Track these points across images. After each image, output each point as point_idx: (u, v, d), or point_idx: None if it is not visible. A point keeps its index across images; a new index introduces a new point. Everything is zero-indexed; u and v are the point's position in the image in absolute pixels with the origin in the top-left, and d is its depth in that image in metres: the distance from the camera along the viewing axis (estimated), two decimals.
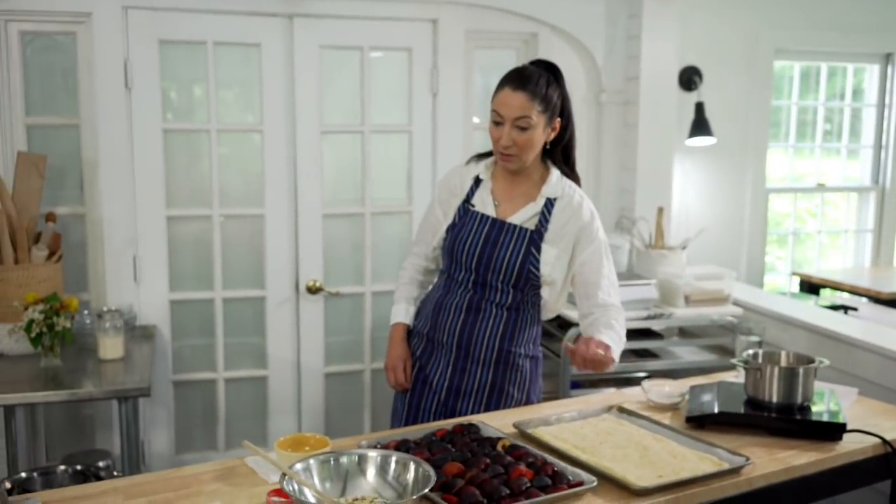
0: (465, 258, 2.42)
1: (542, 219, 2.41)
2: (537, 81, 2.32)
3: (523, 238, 2.40)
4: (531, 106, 2.29)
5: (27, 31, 3.40)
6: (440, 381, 2.48)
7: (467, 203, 2.48)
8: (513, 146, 2.33)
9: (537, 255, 2.39)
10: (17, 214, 3.13)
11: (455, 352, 2.46)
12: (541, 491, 1.75)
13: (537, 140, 2.35)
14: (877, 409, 2.45)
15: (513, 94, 2.30)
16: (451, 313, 2.46)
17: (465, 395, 2.47)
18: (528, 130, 2.31)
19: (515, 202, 2.45)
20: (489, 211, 2.44)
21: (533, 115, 2.30)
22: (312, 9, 3.61)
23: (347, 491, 1.68)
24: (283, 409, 3.81)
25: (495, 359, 2.45)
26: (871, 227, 5.14)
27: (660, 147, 4.06)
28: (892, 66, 4.99)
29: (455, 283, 2.47)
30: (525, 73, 2.35)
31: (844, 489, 2.28)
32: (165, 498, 1.74)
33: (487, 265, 2.40)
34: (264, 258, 3.71)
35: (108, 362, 3.05)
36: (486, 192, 2.47)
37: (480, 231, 2.42)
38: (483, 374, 2.46)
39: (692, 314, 3.31)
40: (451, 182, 2.55)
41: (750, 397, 2.31)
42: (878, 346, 2.78)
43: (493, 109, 2.34)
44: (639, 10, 3.96)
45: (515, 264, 2.38)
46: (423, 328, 2.55)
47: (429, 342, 2.52)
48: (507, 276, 2.39)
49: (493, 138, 2.37)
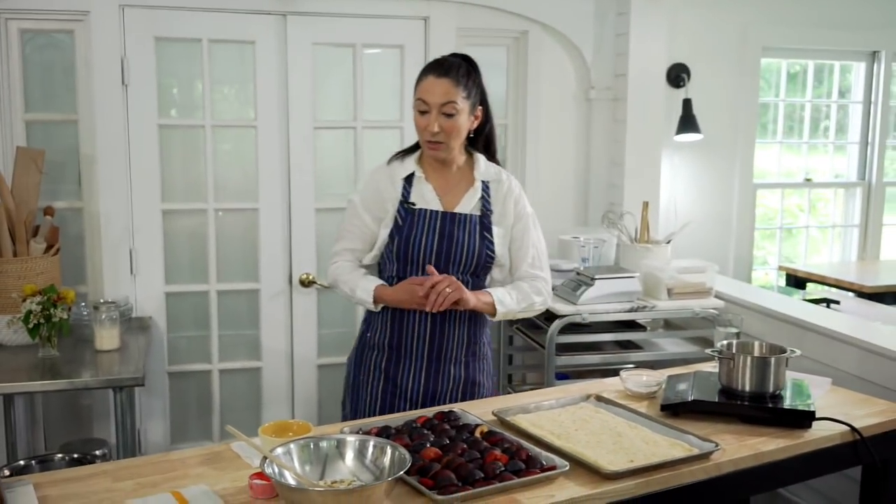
0: (422, 257, 2.41)
1: (484, 203, 2.47)
2: (458, 70, 2.37)
3: (475, 225, 2.45)
4: (456, 92, 2.33)
5: (26, 29, 3.47)
6: (414, 389, 2.47)
7: (406, 203, 2.45)
8: (440, 133, 2.35)
9: (490, 237, 2.45)
10: (16, 208, 3.20)
11: (427, 357, 2.46)
12: (514, 475, 1.82)
13: (463, 126, 2.39)
14: (849, 399, 2.52)
15: (437, 81, 2.34)
16: (416, 317, 2.45)
17: (440, 396, 2.49)
18: (454, 116, 2.34)
19: (456, 192, 2.48)
20: (435, 206, 2.45)
21: (458, 101, 2.34)
22: (306, 7, 3.68)
23: (326, 474, 1.76)
24: (277, 400, 3.88)
25: (466, 354, 2.50)
26: (858, 222, 5.21)
27: (648, 143, 4.12)
28: (878, 63, 5.05)
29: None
30: (446, 62, 2.39)
31: (814, 475, 2.37)
32: (152, 480, 1.81)
33: (448, 259, 2.42)
34: (258, 251, 3.79)
35: (104, 353, 3.12)
36: (426, 188, 2.46)
37: (433, 227, 2.42)
38: (457, 372, 2.50)
39: (675, 306, 3.38)
40: (377, 185, 2.50)
41: (724, 386, 2.39)
42: (855, 338, 2.84)
43: (419, 98, 2.36)
44: (627, 8, 4.02)
45: (474, 252, 2.43)
46: (382, 340, 2.51)
47: (393, 352, 2.49)
48: (468, 266, 2.43)
49: (419, 128, 2.39)
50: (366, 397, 2.50)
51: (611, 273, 3.36)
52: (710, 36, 4.55)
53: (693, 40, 4.49)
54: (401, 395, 2.47)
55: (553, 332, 3.22)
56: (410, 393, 2.47)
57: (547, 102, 4.12)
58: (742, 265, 4.81)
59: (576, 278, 3.40)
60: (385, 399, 2.49)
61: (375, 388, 2.50)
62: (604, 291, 3.29)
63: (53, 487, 1.78)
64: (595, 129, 4.22)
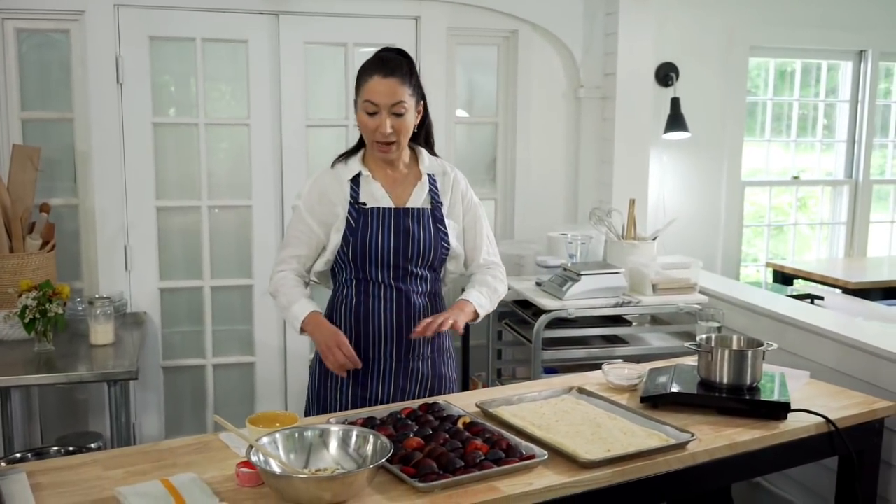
0: (381, 256, 2.39)
1: (433, 196, 2.47)
2: (402, 67, 2.34)
3: (428, 219, 2.44)
4: (403, 91, 2.30)
5: (23, 28, 3.52)
6: (384, 390, 2.46)
7: (357, 203, 2.41)
8: (392, 133, 2.32)
9: (444, 229, 2.47)
10: (12, 205, 3.25)
11: (395, 358, 2.45)
12: (493, 463, 1.87)
13: (411, 124, 2.37)
14: (826, 391, 2.58)
15: (384, 81, 2.29)
16: (380, 318, 2.43)
17: (409, 394, 2.48)
18: (403, 115, 2.32)
19: (404, 187, 2.45)
20: (386, 203, 2.42)
21: (406, 100, 2.31)
22: (298, 6, 3.73)
23: (311, 462, 1.81)
24: (270, 394, 3.94)
25: (431, 350, 2.51)
26: (845, 219, 5.27)
27: (636, 141, 4.18)
28: (864, 63, 5.11)
29: (374, 286, 2.42)
30: (390, 60, 2.34)
31: (789, 465, 2.43)
32: (142, 469, 1.87)
33: (406, 254, 2.41)
34: (251, 248, 3.84)
35: (98, 347, 3.18)
36: (375, 186, 2.42)
37: (388, 225, 2.40)
38: (424, 369, 2.50)
39: (660, 302, 3.44)
40: (322, 190, 2.45)
41: (703, 379, 2.44)
42: (834, 332, 2.90)
43: (367, 100, 2.30)
44: (616, 8, 4.08)
45: (430, 244, 2.43)
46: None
47: (359, 355, 2.38)
48: (425, 260, 2.43)
49: (368, 129, 2.34)
50: (335, 404, 2.47)
51: (597, 269, 3.41)
52: (699, 35, 4.61)
53: (681, 40, 4.55)
54: (370, 399, 2.44)
55: (540, 326, 3.28)
56: (380, 395, 2.45)
57: (537, 101, 4.18)
58: (730, 262, 4.87)
59: (562, 274, 3.45)
60: (355, 403, 2.44)
61: (345, 395, 2.46)
62: (590, 287, 3.34)
63: (46, 476, 1.84)
64: (584, 127, 4.27)
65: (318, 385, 2.53)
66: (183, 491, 1.72)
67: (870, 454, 2.44)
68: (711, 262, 4.72)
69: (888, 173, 5.51)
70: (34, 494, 1.72)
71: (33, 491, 1.74)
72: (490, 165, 4.28)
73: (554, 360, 3.36)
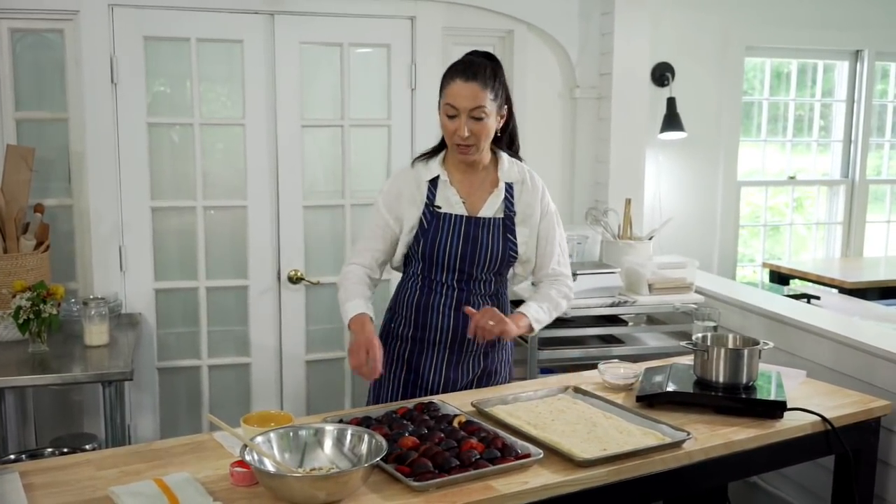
0: (447, 260, 2.45)
1: (508, 204, 2.50)
2: (485, 71, 2.35)
3: (498, 228, 2.48)
4: (484, 95, 2.32)
5: (17, 28, 3.50)
6: (435, 378, 2.53)
7: (432, 206, 2.47)
8: (471, 136, 2.35)
9: (514, 238, 2.50)
10: (6, 205, 3.24)
11: (449, 348, 2.52)
12: (489, 462, 1.87)
13: (491, 128, 2.39)
14: (823, 390, 2.58)
15: (465, 85, 2.32)
16: (439, 313, 2.50)
17: (459, 387, 2.54)
18: (483, 120, 2.34)
19: (480, 194, 2.49)
20: (459, 210, 2.46)
21: (487, 104, 2.33)
22: (293, 6, 3.72)
23: (305, 462, 1.81)
24: (266, 395, 3.92)
25: (487, 345, 2.54)
26: (841, 219, 5.28)
27: (632, 141, 4.18)
28: (860, 63, 5.12)
29: (437, 284, 2.50)
30: (473, 64, 2.37)
31: (785, 464, 2.42)
32: (136, 468, 1.86)
33: (472, 261, 2.46)
34: (247, 248, 3.83)
35: (93, 348, 3.16)
36: (451, 192, 2.47)
37: (458, 232, 2.45)
38: (476, 364, 2.57)
39: (655, 301, 3.44)
40: (400, 188, 2.51)
41: (699, 378, 2.44)
42: (830, 331, 2.89)
43: (447, 103, 2.35)
44: (611, 8, 4.08)
45: (497, 253, 2.47)
46: (405, 331, 2.56)
47: (416, 343, 2.54)
48: (491, 266, 2.48)
49: (448, 132, 2.39)
50: (388, 385, 2.56)
51: (593, 269, 3.41)
52: (694, 35, 4.61)
53: (677, 40, 4.55)
54: (421, 385, 2.54)
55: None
56: (430, 383, 2.53)
57: (532, 101, 4.17)
58: (727, 262, 4.87)
59: None
60: (406, 388, 2.54)
61: (398, 377, 2.56)
62: (586, 286, 3.34)
63: (38, 476, 1.83)
64: (580, 127, 4.27)
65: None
66: (177, 490, 1.72)
67: (866, 453, 2.44)
68: (708, 263, 4.72)
69: (884, 173, 5.52)
70: (27, 495, 1.71)
71: (26, 491, 1.73)
72: None
73: (550, 359, 3.36)
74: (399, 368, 2.56)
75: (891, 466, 2.60)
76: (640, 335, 3.61)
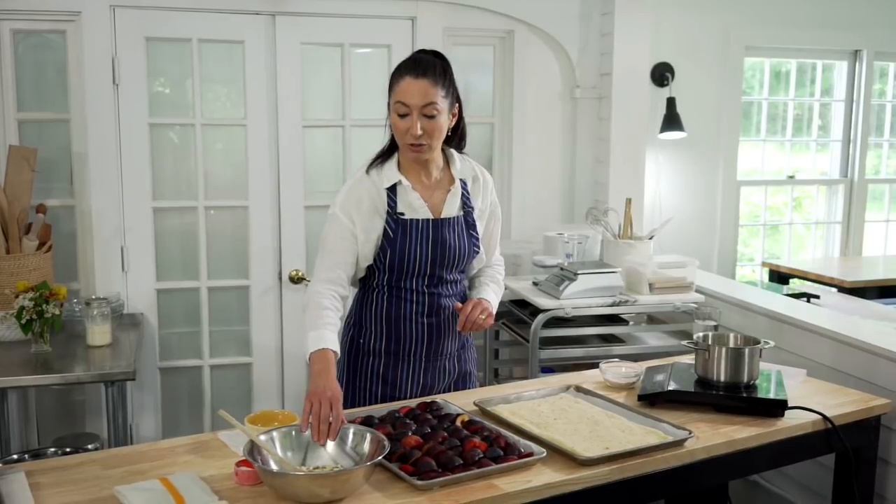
0: (417, 266, 2.40)
1: (465, 202, 2.48)
2: (435, 69, 2.29)
3: (461, 226, 2.46)
4: (435, 92, 2.25)
5: (19, 29, 3.52)
6: (413, 388, 2.49)
7: (395, 214, 2.38)
8: (423, 135, 2.27)
9: (476, 234, 2.49)
10: (9, 206, 3.25)
11: (424, 356, 2.48)
12: (492, 461, 1.88)
13: (444, 126, 2.32)
14: (823, 389, 2.59)
15: (415, 82, 2.25)
16: (411, 321, 2.44)
17: (436, 390, 2.52)
18: (435, 118, 2.27)
19: (438, 194, 2.44)
20: (423, 214, 2.40)
21: (438, 101, 2.26)
22: (294, 7, 3.73)
23: (308, 460, 1.82)
24: (267, 395, 3.93)
25: (458, 347, 2.55)
26: (840, 218, 5.29)
27: (632, 141, 4.19)
28: (859, 62, 5.13)
29: (406, 292, 2.43)
30: (422, 61, 2.30)
31: (786, 462, 2.44)
32: (141, 468, 1.87)
33: (441, 264, 2.42)
34: (248, 248, 3.84)
35: (95, 348, 3.17)
36: (413, 196, 2.38)
37: (426, 236, 2.39)
38: (450, 366, 2.55)
39: (656, 301, 3.44)
40: (360, 196, 2.37)
41: (700, 377, 2.45)
42: (830, 330, 2.90)
43: (398, 101, 2.26)
44: (611, 8, 4.09)
45: (464, 252, 2.46)
46: (376, 346, 2.47)
47: (390, 356, 2.47)
48: (458, 265, 2.47)
49: (399, 131, 2.30)
50: (365, 403, 2.48)
51: (593, 268, 3.42)
52: (694, 35, 4.62)
53: (677, 40, 4.56)
54: (398, 397, 2.47)
55: (537, 326, 3.28)
56: (409, 393, 2.48)
57: (533, 101, 4.19)
58: (726, 261, 4.88)
59: (559, 273, 3.46)
60: (384, 401, 2.46)
61: (374, 394, 2.49)
62: (586, 286, 3.35)
63: (44, 475, 1.84)
64: (580, 127, 4.28)
65: (346, 381, 2.51)
66: (182, 489, 1.73)
67: (866, 451, 2.45)
68: (707, 262, 4.73)
69: (883, 173, 5.53)
70: (33, 494, 1.72)
71: (32, 490, 1.74)
72: (486, 165, 4.25)
73: (551, 359, 3.37)
74: (374, 385, 2.48)
75: (891, 465, 2.61)
76: (640, 334, 3.62)
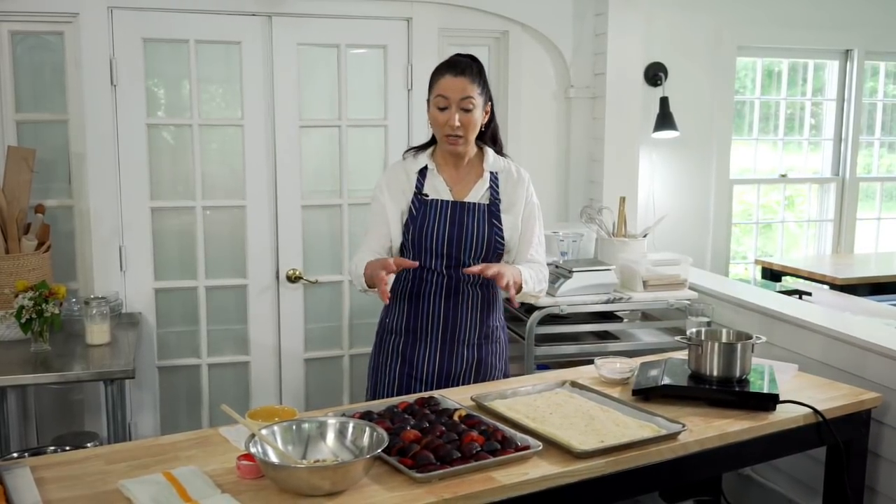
0: (435, 245, 2.58)
1: (493, 192, 2.64)
2: (471, 68, 2.55)
3: (483, 213, 2.61)
4: (472, 88, 2.51)
5: (17, 30, 3.53)
6: (429, 370, 2.63)
7: (420, 195, 2.63)
8: (460, 127, 2.52)
9: (499, 224, 2.61)
10: (8, 206, 3.27)
11: (441, 337, 2.63)
12: (490, 454, 1.92)
13: (478, 120, 2.57)
14: (814, 383, 2.63)
15: (455, 79, 2.51)
16: (430, 301, 2.62)
17: (454, 377, 2.64)
18: (471, 111, 2.52)
19: (465, 183, 2.65)
20: (445, 196, 2.62)
21: (474, 96, 2.52)
22: (291, 8, 3.76)
23: (308, 454, 1.85)
24: (265, 394, 3.96)
25: (479, 337, 2.66)
26: (832, 216, 5.34)
27: (626, 140, 4.23)
28: (850, 62, 5.17)
29: (427, 272, 2.62)
30: (460, 62, 2.57)
31: (778, 455, 2.47)
32: (144, 463, 1.90)
33: (459, 245, 2.58)
34: (246, 248, 3.87)
35: (94, 347, 3.19)
36: (438, 180, 2.64)
37: (444, 216, 2.59)
38: (469, 354, 2.66)
39: (650, 298, 3.48)
40: (395, 178, 2.68)
41: (693, 372, 2.49)
42: (821, 326, 2.94)
43: (438, 95, 2.53)
44: (605, 9, 4.12)
45: (483, 237, 2.59)
46: (398, 324, 2.68)
47: (409, 334, 2.66)
48: (478, 251, 2.59)
49: (438, 124, 2.56)
50: (385, 379, 2.68)
51: (588, 266, 3.45)
52: (687, 35, 4.67)
53: (670, 39, 4.61)
54: (416, 377, 2.64)
55: (532, 323, 3.32)
56: (425, 375, 2.63)
57: (527, 101, 4.22)
58: (719, 259, 4.93)
59: (554, 271, 3.48)
60: (402, 381, 2.66)
61: (394, 371, 2.67)
62: (581, 283, 3.38)
63: (49, 470, 1.87)
64: (574, 126, 4.32)
65: (373, 355, 2.78)
66: (185, 483, 1.76)
67: (857, 444, 2.49)
68: (701, 260, 4.77)
69: (874, 171, 5.58)
70: (38, 489, 1.74)
71: (37, 485, 1.76)
72: None
73: (546, 356, 3.40)
74: (395, 361, 2.68)
75: (881, 457, 2.65)
76: (634, 331, 3.66)
